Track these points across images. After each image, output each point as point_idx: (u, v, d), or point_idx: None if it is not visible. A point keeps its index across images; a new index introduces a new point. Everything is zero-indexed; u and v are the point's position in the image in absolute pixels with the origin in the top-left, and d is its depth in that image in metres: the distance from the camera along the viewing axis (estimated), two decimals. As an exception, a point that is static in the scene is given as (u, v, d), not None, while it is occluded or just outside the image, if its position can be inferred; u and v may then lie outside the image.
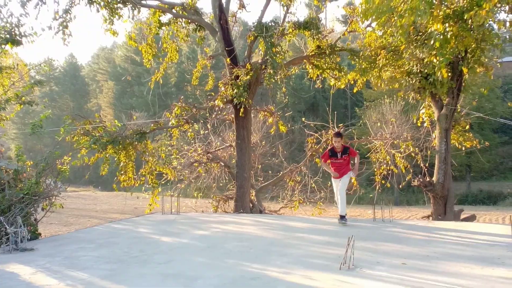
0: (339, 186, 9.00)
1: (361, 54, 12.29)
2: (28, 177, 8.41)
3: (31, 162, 8.76)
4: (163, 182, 14.61)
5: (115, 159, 12.66)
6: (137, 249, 6.82)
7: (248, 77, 11.88)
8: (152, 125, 13.43)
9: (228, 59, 12.87)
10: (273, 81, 11.70)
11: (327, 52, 13.51)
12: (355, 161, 9.24)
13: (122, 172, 12.85)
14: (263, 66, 12.38)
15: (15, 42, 10.95)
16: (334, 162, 9.04)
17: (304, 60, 14.54)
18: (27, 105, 11.88)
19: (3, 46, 10.99)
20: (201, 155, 16.07)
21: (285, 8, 14.02)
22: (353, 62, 13.15)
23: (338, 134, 9.15)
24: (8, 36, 10.84)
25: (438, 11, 8.79)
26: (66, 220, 19.37)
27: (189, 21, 14.27)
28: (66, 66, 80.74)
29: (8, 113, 12.68)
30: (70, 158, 10.91)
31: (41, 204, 8.37)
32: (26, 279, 5.26)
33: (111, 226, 9.70)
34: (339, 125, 14.83)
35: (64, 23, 12.18)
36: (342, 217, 8.82)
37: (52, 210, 8.73)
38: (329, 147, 9.44)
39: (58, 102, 74.59)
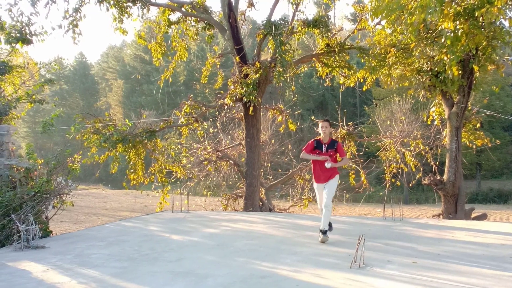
0: (324, 196, 7.14)
1: (370, 52, 12.26)
2: (39, 175, 8.48)
3: (42, 160, 8.83)
4: (172, 180, 14.66)
5: (125, 157, 12.74)
6: (147, 247, 6.85)
7: (257, 75, 11.89)
8: (161, 123, 13.48)
9: (237, 58, 12.87)
10: (282, 79, 11.66)
11: (336, 50, 13.47)
12: (341, 162, 7.45)
13: (132, 170, 12.91)
14: (272, 65, 12.39)
15: (26, 41, 11.04)
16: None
17: (313, 58, 14.51)
18: (37, 103, 11.96)
19: (13, 45, 11.07)
20: (210, 154, 16.12)
21: (294, 6, 13.98)
22: (362, 60, 13.10)
23: (326, 120, 7.44)
24: (18, 35, 10.93)
25: (449, 8, 8.74)
26: (77, 218, 19.51)
27: (198, 19, 14.28)
28: (76, 65, 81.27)
29: (19, 112, 12.77)
30: (80, 156, 10.98)
31: (52, 202, 8.44)
32: (38, 276, 5.31)
33: (121, 224, 9.75)
34: (349, 123, 14.77)
35: (74, 22, 12.26)
36: (324, 232, 7.02)
37: (63, 208, 8.83)
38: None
39: (68, 101, 75.21)
